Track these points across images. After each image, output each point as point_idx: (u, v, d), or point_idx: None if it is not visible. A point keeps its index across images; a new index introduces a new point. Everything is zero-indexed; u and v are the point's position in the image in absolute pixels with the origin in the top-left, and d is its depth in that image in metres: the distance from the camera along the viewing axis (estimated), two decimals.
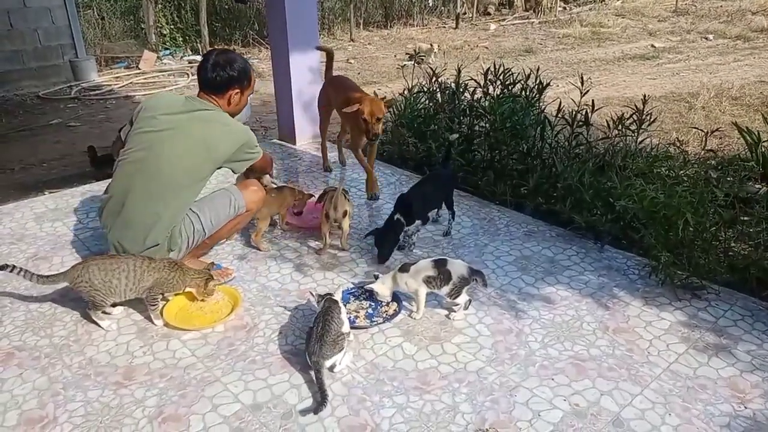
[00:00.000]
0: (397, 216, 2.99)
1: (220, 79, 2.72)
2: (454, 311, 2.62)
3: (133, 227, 2.66)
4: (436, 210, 3.36)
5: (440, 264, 2.57)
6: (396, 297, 2.68)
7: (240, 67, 2.76)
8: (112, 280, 2.48)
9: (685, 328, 2.54)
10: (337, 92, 3.97)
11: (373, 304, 2.68)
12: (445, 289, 2.55)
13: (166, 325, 2.59)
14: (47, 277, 2.59)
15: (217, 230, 2.88)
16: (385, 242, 3.00)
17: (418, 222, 3.08)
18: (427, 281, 2.55)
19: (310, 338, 2.27)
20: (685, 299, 2.73)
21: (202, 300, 2.67)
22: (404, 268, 2.61)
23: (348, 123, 3.92)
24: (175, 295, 2.71)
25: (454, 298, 2.56)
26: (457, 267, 2.56)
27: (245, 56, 10.24)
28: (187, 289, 2.65)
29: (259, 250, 3.18)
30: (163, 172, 2.64)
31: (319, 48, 4.58)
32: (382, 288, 2.62)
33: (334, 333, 2.23)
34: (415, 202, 3.07)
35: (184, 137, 2.67)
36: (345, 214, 3.04)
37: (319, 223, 3.42)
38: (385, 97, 3.72)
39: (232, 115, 2.85)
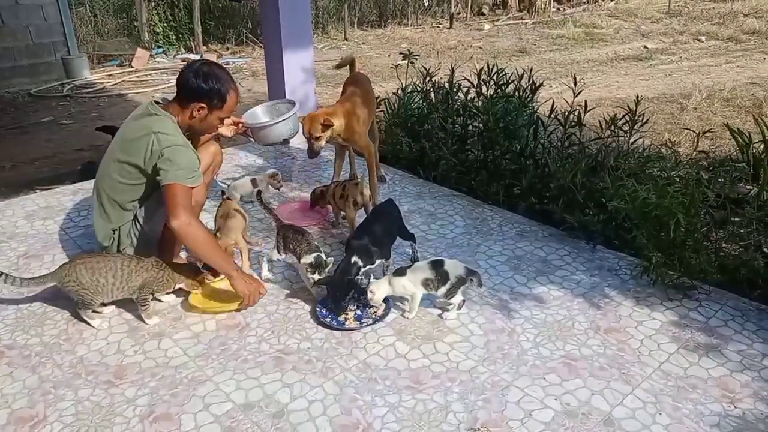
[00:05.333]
0: (354, 259, 2.65)
1: (189, 86, 2.57)
2: (447, 311, 2.62)
3: (95, 229, 2.79)
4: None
5: (437, 265, 2.56)
6: (384, 297, 2.66)
7: (214, 86, 2.57)
8: (100, 279, 2.47)
9: (676, 328, 2.55)
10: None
11: (361, 305, 2.67)
12: (442, 290, 2.55)
13: (204, 312, 2.64)
14: (32, 278, 2.58)
15: (162, 234, 2.76)
16: (341, 291, 2.60)
17: (380, 261, 2.80)
18: (425, 283, 2.55)
19: None
20: (676, 299, 2.75)
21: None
22: (400, 272, 2.59)
23: None
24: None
25: (450, 298, 2.56)
26: (454, 267, 2.56)
27: (239, 54, 10.11)
28: (178, 286, 2.64)
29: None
30: (102, 174, 2.72)
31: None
32: (377, 294, 2.57)
33: None
34: (371, 241, 2.75)
35: (120, 140, 2.69)
36: (370, 197, 3.34)
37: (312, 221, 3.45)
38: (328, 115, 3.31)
39: (195, 130, 2.71)
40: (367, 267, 2.72)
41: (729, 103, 6.47)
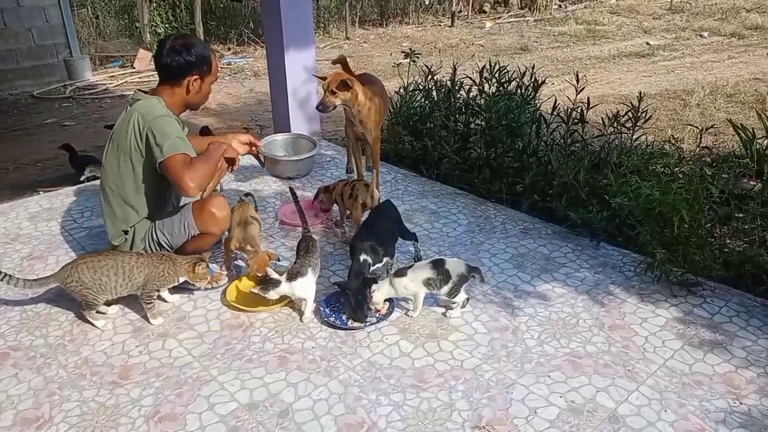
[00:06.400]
0: (363, 257, 2.66)
1: (176, 64, 2.60)
2: (451, 309, 2.62)
3: (106, 228, 2.81)
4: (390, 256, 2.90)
5: (438, 265, 2.56)
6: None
7: (198, 53, 2.63)
8: (102, 278, 2.47)
9: (680, 325, 2.55)
10: None
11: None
12: (445, 289, 2.54)
13: (242, 309, 2.64)
14: (35, 280, 2.58)
15: (182, 246, 2.77)
16: (361, 292, 2.54)
17: (386, 259, 2.80)
18: (427, 283, 2.54)
19: None
20: (680, 296, 2.74)
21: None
22: (400, 273, 2.59)
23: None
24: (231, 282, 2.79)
25: (453, 297, 2.56)
26: (455, 265, 2.56)
27: (241, 54, 10.12)
28: (181, 279, 2.62)
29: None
30: (103, 168, 2.75)
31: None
32: (377, 296, 2.56)
33: None
34: (376, 239, 2.75)
35: (113, 132, 2.73)
36: (379, 200, 3.30)
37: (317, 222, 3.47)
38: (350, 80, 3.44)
39: (193, 105, 2.77)
40: (375, 265, 2.72)
41: (732, 99, 6.44)
